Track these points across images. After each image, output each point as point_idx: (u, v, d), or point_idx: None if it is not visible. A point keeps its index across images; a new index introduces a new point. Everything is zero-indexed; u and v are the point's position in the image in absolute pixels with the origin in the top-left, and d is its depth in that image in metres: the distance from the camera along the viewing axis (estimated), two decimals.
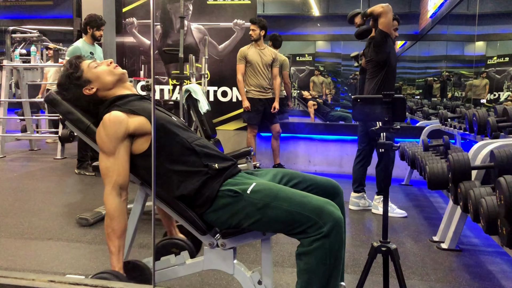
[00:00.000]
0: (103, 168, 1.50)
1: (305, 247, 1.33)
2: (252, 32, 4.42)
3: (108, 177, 1.48)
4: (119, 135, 1.48)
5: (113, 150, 1.48)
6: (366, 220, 3.26)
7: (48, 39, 6.88)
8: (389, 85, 3.28)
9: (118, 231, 1.45)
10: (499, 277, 2.26)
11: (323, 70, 10.09)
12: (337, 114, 7.23)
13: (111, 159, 1.48)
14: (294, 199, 1.37)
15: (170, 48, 4.51)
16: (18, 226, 2.87)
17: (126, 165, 1.50)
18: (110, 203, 1.46)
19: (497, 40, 6.12)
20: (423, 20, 7.75)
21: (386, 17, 3.16)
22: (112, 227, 1.45)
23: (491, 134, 2.70)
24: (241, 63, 4.44)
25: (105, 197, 1.48)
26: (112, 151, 1.48)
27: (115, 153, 1.48)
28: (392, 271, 1.60)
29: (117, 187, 1.47)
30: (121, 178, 1.48)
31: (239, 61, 4.45)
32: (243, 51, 4.46)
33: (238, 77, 4.47)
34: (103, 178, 1.50)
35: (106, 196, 1.47)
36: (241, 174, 1.58)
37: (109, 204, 1.46)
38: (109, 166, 1.48)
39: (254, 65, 4.42)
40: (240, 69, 4.45)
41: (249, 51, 4.43)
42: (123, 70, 1.69)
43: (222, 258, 1.49)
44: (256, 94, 4.46)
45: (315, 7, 9.93)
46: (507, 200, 1.65)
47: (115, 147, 1.48)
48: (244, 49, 4.47)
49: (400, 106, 1.53)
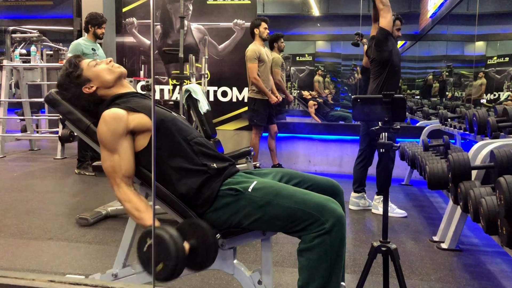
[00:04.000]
0: (108, 166, 1.48)
1: (306, 243, 1.33)
2: (265, 30, 4.36)
3: (114, 173, 1.47)
4: (120, 131, 1.47)
5: (116, 146, 1.46)
6: (366, 220, 3.26)
7: (48, 39, 6.88)
8: (392, 84, 3.26)
9: (142, 207, 1.44)
10: (499, 277, 2.26)
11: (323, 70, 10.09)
12: (337, 114, 7.24)
13: (115, 156, 1.47)
14: (296, 196, 1.37)
15: (170, 48, 4.50)
16: (18, 226, 2.87)
17: (131, 157, 1.49)
18: (123, 191, 1.46)
19: (497, 40, 6.13)
20: (423, 20, 7.75)
21: (386, 16, 3.16)
22: (136, 207, 1.44)
23: (491, 134, 2.70)
24: (255, 62, 4.26)
25: (116, 192, 1.47)
26: (115, 147, 1.46)
27: (118, 149, 1.47)
28: (392, 271, 1.60)
29: (125, 179, 1.47)
30: (128, 171, 1.48)
31: (253, 60, 4.25)
32: (256, 50, 4.28)
33: (254, 76, 4.25)
34: (109, 176, 1.48)
35: (117, 190, 1.46)
36: (240, 174, 1.58)
37: (123, 192, 1.46)
38: (113, 163, 1.47)
39: (266, 65, 4.36)
40: (255, 68, 4.25)
41: (261, 50, 4.32)
42: (122, 68, 1.69)
43: (222, 258, 1.48)
44: (265, 96, 4.40)
45: (315, 7, 9.92)
46: (507, 200, 1.65)
47: (117, 143, 1.46)
48: (255, 48, 4.30)
49: (400, 106, 1.53)
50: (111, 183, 1.49)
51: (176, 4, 5.08)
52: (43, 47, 6.89)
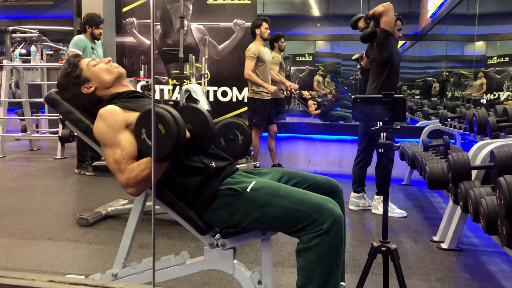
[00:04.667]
0: (112, 162, 1.43)
1: (305, 243, 1.33)
2: (266, 31, 4.35)
3: (119, 165, 1.42)
4: (117, 125, 1.45)
5: (116, 139, 1.44)
6: (366, 220, 3.26)
7: (48, 39, 6.88)
8: (391, 85, 3.27)
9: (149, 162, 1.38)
10: (499, 277, 2.26)
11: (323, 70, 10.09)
12: (337, 114, 7.24)
13: (117, 150, 1.43)
14: (294, 196, 1.37)
15: (170, 48, 4.50)
16: (18, 226, 2.87)
17: (134, 143, 1.43)
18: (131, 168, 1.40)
19: (497, 40, 6.13)
20: (423, 20, 7.75)
21: (388, 15, 3.16)
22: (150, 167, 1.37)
23: (491, 134, 2.70)
24: (253, 61, 4.23)
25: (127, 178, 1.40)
26: (115, 141, 1.44)
27: (118, 141, 1.44)
28: (392, 271, 1.60)
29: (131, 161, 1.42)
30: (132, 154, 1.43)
31: (251, 58, 4.23)
32: (256, 49, 4.26)
33: (247, 72, 4.23)
34: (114, 172, 1.44)
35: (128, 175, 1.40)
36: (240, 173, 1.58)
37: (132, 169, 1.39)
38: (117, 157, 1.42)
39: (266, 65, 4.36)
40: (251, 66, 4.23)
41: (261, 50, 4.31)
42: (121, 68, 1.69)
43: (222, 258, 1.48)
44: (265, 95, 4.40)
45: (315, 7, 9.92)
46: (507, 200, 1.65)
47: (117, 136, 1.44)
48: (255, 47, 4.28)
49: (400, 106, 1.53)
50: (118, 178, 1.43)
51: (176, 4, 5.08)
52: (43, 47, 6.89)
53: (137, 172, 1.39)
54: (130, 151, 1.43)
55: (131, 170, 1.40)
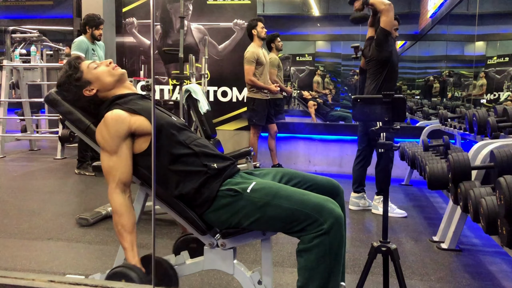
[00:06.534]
0: (106, 167, 1.49)
1: (305, 244, 1.33)
2: (262, 30, 4.34)
3: (111, 176, 1.48)
4: (121, 133, 1.47)
5: (116, 148, 1.47)
6: (366, 220, 3.26)
7: (48, 39, 6.88)
8: (391, 85, 3.27)
9: (128, 226, 1.45)
10: (499, 277, 2.26)
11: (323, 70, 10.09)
12: (337, 114, 7.24)
13: (114, 157, 1.47)
14: (294, 197, 1.37)
15: (170, 48, 4.50)
16: (18, 226, 2.87)
17: (129, 162, 1.50)
18: (115, 200, 1.46)
19: (497, 40, 6.12)
20: (423, 20, 7.74)
21: (388, 15, 3.16)
22: (122, 223, 1.45)
23: (491, 134, 2.70)
24: (252, 65, 4.24)
25: (109, 195, 1.47)
26: (115, 150, 1.47)
27: (117, 151, 1.47)
28: (392, 271, 1.60)
29: (121, 185, 1.47)
30: (125, 176, 1.48)
31: (251, 62, 4.23)
32: (255, 53, 4.25)
33: (250, 78, 4.25)
34: (106, 177, 1.50)
35: (110, 195, 1.47)
36: (240, 174, 1.58)
37: (115, 201, 1.46)
38: (112, 165, 1.48)
39: (265, 67, 4.35)
40: (251, 70, 4.23)
41: (259, 52, 4.30)
42: (122, 70, 1.69)
43: (222, 258, 1.49)
44: (264, 96, 4.42)
45: (315, 7, 9.92)
46: (507, 200, 1.65)
47: (118, 146, 1.47)
48: (254, 50, 4.27)
49: (400, 106, 1.53)
50: (108, 182, 1.50)
51: (176, 4, 5.08)
52: (43, 47, 6.90)
53: (113, 212, 1.48)
54: (123, 175, 1.48)
55: (114, 200, 1.47)
